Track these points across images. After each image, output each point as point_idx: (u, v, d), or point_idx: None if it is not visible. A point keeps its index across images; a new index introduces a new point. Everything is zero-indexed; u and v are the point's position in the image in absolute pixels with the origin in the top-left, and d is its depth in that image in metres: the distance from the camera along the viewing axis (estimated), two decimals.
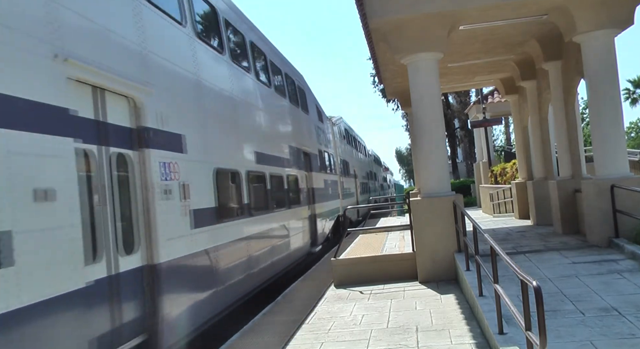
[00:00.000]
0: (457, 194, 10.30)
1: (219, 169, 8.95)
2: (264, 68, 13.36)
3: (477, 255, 7.24)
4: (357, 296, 9.48)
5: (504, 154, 31.55)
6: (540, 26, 11.55)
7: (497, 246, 5.72)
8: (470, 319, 7.19)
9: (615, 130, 10.08)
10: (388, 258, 10.97)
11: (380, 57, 12.83)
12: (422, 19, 9.94)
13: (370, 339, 6.81)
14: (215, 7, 10.15)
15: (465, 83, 20.48)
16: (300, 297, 10.20)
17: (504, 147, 36.07)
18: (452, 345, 6.24)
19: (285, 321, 8.35)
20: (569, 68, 12.09)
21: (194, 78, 8.57)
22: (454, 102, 43.57)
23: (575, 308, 6.57)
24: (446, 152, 11.17)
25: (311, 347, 6.79)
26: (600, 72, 10.05)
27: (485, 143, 27.96)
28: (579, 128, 13.01)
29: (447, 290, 9.10)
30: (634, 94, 57.68)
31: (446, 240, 9.95)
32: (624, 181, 9.66)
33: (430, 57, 10.34)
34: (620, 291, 7.12)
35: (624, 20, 9.93)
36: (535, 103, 14.91)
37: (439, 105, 10.63)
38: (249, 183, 10.55)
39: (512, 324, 5.63)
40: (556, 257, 9.57)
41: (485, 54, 13.73)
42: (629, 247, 9.02)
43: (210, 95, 9.23)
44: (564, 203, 12.21)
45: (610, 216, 9.76)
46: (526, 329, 4.49)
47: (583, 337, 5.56)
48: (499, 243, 6.11)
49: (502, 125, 36.44)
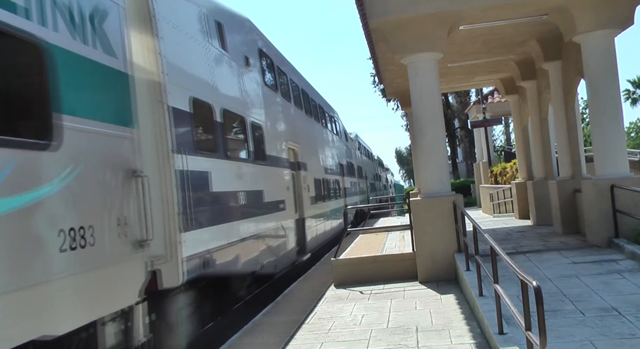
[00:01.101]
0: (457, 194, 10.29)
1: (316, 178, 17.91)
2: (323, 116, 22.20)
3: (477, 255, 7.25)
4: (357, 296, 9.48)
5: (504, 154, 31.54)
6: (540, 26, 11.54)
7: (497, 246, 5.72)
8: (470, 319, 7.19)
9: (616, 130, 10.08)
10: (388, 258, 10.97)
11: (380, 57, 12.82)
12: (422, 19, 9.94)
13: (370, 339, 6.81)
14: (307, 93, 18.91)
15: (465, 83, 20.48)
16: (300, 297, 10.20)
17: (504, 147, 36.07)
18: (452, 345, 6.24)
19: (285, 321, 8.35)
20: (569, 68, 12.09)
21: (310, 133, 18.83)
22: (454, 102, 43.54)
23: (575, 308, 6.57)
24: (446, 152, 11.18)
25: (311, 347, 6.78)
26: (600, 72, 10.05)
27: (485, 143, 27.97)
28: (579, 128, 13.02)
29: (447, 290, 9.10)
30: (634, 94, 57.72)
31: (446, 240, 9.95)
32: (624, 182, 9.65)
33: (430, 57, 10.33)
34: (620, 291, 7.12)
35: (624, 20, 9.93)
36: (535, 104, 14.91)
37: (439, 105, 10.63)
38: (324, 184, 19.54)
39: (512, 324, 5.63)
40: (556, 257, 9.57)
41: (485, 54, 13.73)
42: (629, 247, 9.02)
43: (312, 137, 19.07)
44: (564, 203, 12.21)
45: (610, 216, 9.76)
46: (526, 329, 4.49)
47: (583, 337, 5.56)
48: (499, 243, 6.11)
49: (502, 125, 36.44)
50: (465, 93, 41.15)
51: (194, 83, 8.61)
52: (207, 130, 9.10)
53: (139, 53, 7.16)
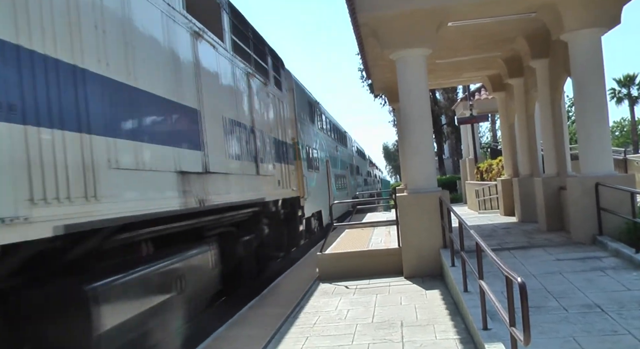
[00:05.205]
0: (443, 190, 10.34)
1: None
2: (339, 134, 31.19)
3: (462, 250, 7.27)
4: (342, 290, 9.50)
5: (490, 151, 31.67)
6: (528, 24, 11.60)
7: (483, 242, 5.74)
8: (454, 314, 7.23)
9: (601, 129, 10.16)
10: (374, 253, 10.99)
11: (368, 52, 12.82)
12: (411, 15, 9.94)
13: (355, 333, 6.82)
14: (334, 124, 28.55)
15: (453, 80, 20.56)
16: (285, 291, 10.20)
17: (490, 144, 36.19)
18: (437, 340, 6.27)
19: (271, 314, 8.35)
20: (555, 66, 12.16)
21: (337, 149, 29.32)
22: (441, 99, 43.61)
23: (559, 305, 6.62)
24: (433, 148, 11.17)
25: (297, 341, 6.79)
26: (587, 71, 10.11)
27: (471, 140, 28.07)
28: (564, 126, 13.10)
29: (432, 286, 9.14)
30: (620, 93, 58.20)
31: (432, 236, 9.99)
32: (609, 180, 9.74)
33: (419, 53, 10.35)
34: (604, 288, 7.18)
35: (611, 19, 10.00)
36: (522, 101, 14.99)
37: (427, 102, 10.66)
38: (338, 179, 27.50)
39: (497, 320, 5.66)
40: (541, 254, 9.64)
41: (473, 51, 13.77)
42: (612, 245, 9.11)
43: (338, 151, 29.35)
44: (549, 200, 12.30)
45: (594, 213, 9.84)
46: (510, 325, 4.52)
47: (566, 333, 5.61)
48: (484, 239, 6.13)
49: (488, 122, 36.62)
50: (452, 89, 41.26)
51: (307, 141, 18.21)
52: (309, 158, 18.45)
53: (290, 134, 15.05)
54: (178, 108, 6.89)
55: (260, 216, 11.19)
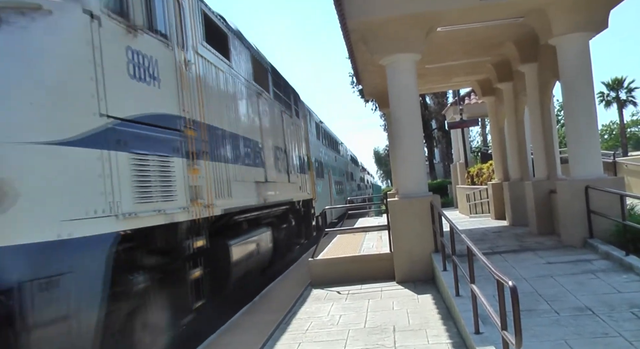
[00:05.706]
0: (434, 195, 10.34)
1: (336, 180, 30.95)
2: (336, 146, 34.48)
3: (453, 255, 7.28)
4: (334, 296, 9.49)
5: (480, 155, 31.78)
6: (517, 29, 11.66)
7: (474, 246, 5.75)
8: (447, 319, 7.23)
9: (590, 132, 10.22)
10: (365, 259, 10.98)
11: (359, 57, 12.84)
12: (400, 20, 9.97)
13: (348, 339, 6.81)
14: (334, 139, 33.39)
15: (443, 85, 20.61)
16: (277, 297, 10.18)
17: (481, 148, 36.35)
18: (429, 345, 6.27)
19: (263, 321, 8.32)
20: (544, 70, 12.23)
21: (337, 160, 33.67)
22: (431, 103, 43.76)
23: (550, 308, 6.64)
24: (423, 152, 11.22)
25: (289, 347, 6.77)
26: (575, 74, 10.18)
27: (462, 144, 28.20)
28: (554, 129, 13.18)
29: (424, 290, 9.14)
30: (608, 97, 58.57)
31: (423, 241, 9.99)
32: (598, 183, 9.79)
33: (409, 58, 10.38)
34: (594, 291, 7.21)
35: (598, 23, 10.08)
36: (511, 105, 15.07)
37: (417, 106, 10.68)
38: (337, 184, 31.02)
39: (489, 323, 5.68)
40: (532, 257, 9.67)
41: (462, 56, 13.83)
42: (603, 247, 9.15)
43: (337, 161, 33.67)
44: (540, 203, 12.35)
45: (584, 216, 9.89)
46: (502, 328, 4.53)
47: (558, 336, 5.63)
48: (476, 243, 6.14)
49: (478, 126, 36.77)
50: (442, 94, 41.41)
51: (315, 155, 21.31)
52: (318, 169, 21.77)
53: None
54: (252, 142, 11.04)
55: (289, 212, 15.03)
